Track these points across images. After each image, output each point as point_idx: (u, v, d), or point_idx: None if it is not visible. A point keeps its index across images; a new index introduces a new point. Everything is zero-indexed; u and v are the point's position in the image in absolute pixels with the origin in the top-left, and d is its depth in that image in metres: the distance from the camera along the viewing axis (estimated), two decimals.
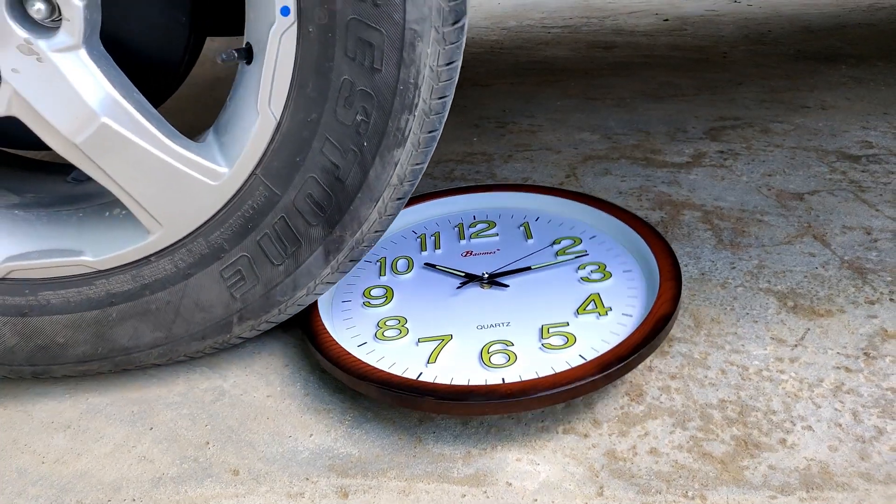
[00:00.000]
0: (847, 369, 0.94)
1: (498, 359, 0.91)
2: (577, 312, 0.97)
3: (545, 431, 0.87)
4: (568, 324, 0.96)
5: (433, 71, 0.80)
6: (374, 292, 1.06)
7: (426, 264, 1.12)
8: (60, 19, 0.78)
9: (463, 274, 1.08)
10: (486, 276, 1.06)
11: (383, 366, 0.90)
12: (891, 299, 1.06)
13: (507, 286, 1.05)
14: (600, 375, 0.84)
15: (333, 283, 0.96)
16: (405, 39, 0.78)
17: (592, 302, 0.99)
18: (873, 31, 2.48)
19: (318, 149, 0.84)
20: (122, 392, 0.97)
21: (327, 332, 0.95)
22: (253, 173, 0.86)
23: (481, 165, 1.52)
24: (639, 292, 1.00)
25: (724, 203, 1.35)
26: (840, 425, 0.86)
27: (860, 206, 1.32)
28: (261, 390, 0.96)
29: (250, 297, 0.93)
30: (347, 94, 0.81)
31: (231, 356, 1.02)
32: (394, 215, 0.91)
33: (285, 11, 0.77)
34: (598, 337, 0.93)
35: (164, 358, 0.96)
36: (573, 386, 0.83)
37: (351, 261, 0.93)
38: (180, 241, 0.90)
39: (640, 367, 0.96)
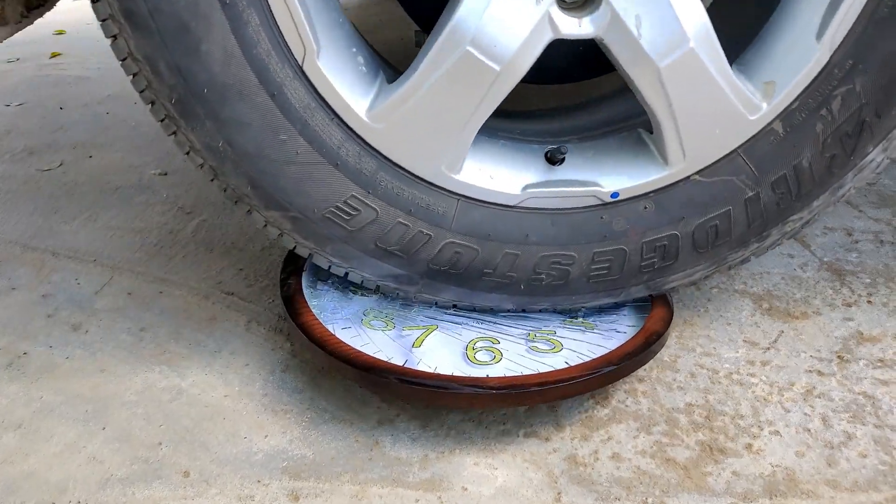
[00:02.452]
0: (819, 373, 0.92)
1: (483, 356, 0.89)
2: (564, 323, 0.96)
3: (506, 435, 0.85)
4: (555, 332, 0.94)
5: None
6: None
7: None
8: None
9: None
10: None
11: (368, 351, 0.88)
12: (868, 301, 1.04)
13: None
14: (590, 376, 0.82)
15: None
16: None
17: (580, 317, 0.97)
18: None
19: None
20: (77, 390, 0.94)
21: (311, 311, 0.92)
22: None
23: None
24: (621, 318, 0.98)
25: None
26: (809, 430, 0.84)
27: (843, 206, 1.29)
28: (219, 390, 0.94)
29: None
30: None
31: (192, 354, 1.00)
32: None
33: (614, 195, 0.87)
34: (584, 347, 0.91)
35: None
36: (561, 385, 0.81)
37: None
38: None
39: None
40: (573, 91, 1.27)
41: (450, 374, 0.85)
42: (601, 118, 1.00)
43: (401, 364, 0.86)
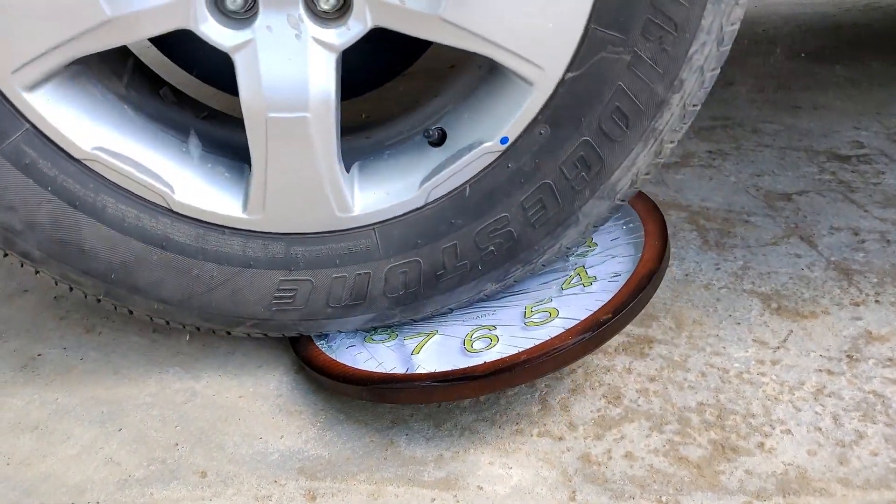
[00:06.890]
0: (829, 372, 0.93)
1: (479, 344, 0.89)
2: (562, 288, 0.96)
3: (519, 434, 0.86)
4: (551, 300, 0.94)
5: None
6: None
7: None
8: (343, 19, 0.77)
9: None
10: None
11: (370, 367, 0.89)
12: (876, 301, 1.04)
13: None
14: (577, 340, 0.82)
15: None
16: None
17: (578, 276, 0.97)
18: (869, 31, 2.47)
19: None
20: (92, 392, 0.95)
21: (314, 344, 0.95)
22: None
23: None
24: (624, 258, 0.98)
25: (710, 203, 1.33)
26: (820, 429, 0.84)
27: (849, 206, 1.30)
28: (233, 391, 0.95)
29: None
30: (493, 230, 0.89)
31: (205, 356, 1.01)
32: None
33: (504, 140, 0.84)
34: (582, 306, 0.90)
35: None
36: (549, 355, 0.81)
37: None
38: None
39: (618, 369, 0.94)
40: None
41: (444, 370, 0.85)
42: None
43: (402, 373, 0.87)
